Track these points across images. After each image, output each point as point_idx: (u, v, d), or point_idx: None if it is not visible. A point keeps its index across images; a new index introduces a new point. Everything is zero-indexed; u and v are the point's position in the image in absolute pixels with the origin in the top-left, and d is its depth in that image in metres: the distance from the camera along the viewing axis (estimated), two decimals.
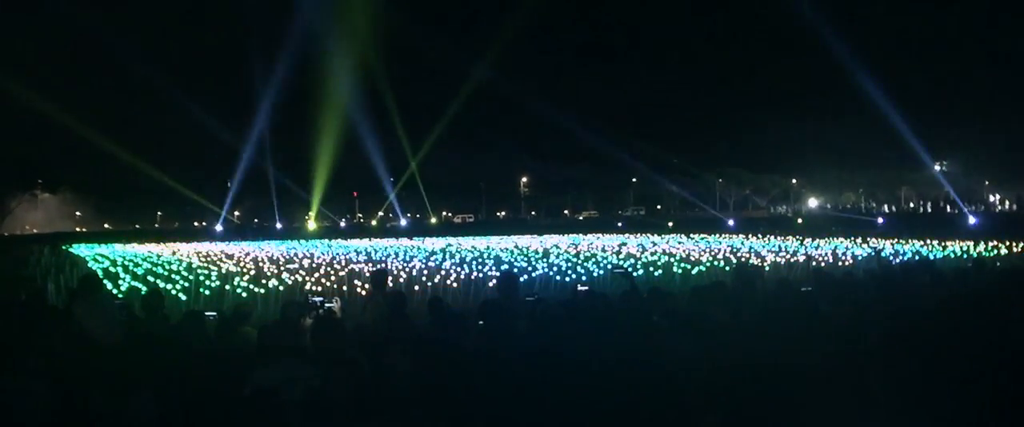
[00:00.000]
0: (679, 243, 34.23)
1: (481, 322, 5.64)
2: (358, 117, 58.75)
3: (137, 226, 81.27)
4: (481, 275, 18.77)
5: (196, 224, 79.27)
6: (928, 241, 28.78)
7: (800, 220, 61.49)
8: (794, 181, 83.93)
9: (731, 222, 60.81)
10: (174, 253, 33.39)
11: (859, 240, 31.34)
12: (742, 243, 32.96)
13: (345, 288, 16.94)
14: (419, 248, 33.81)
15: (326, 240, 46.09)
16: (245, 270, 22.21)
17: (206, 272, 21.39)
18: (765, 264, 20.95)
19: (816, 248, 27.34)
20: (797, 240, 32.89)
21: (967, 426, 3.56)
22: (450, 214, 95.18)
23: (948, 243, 27.24)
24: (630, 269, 17.24)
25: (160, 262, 27.28)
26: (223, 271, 21.99)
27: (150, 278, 20.82)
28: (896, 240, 30.35)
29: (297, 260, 26.63)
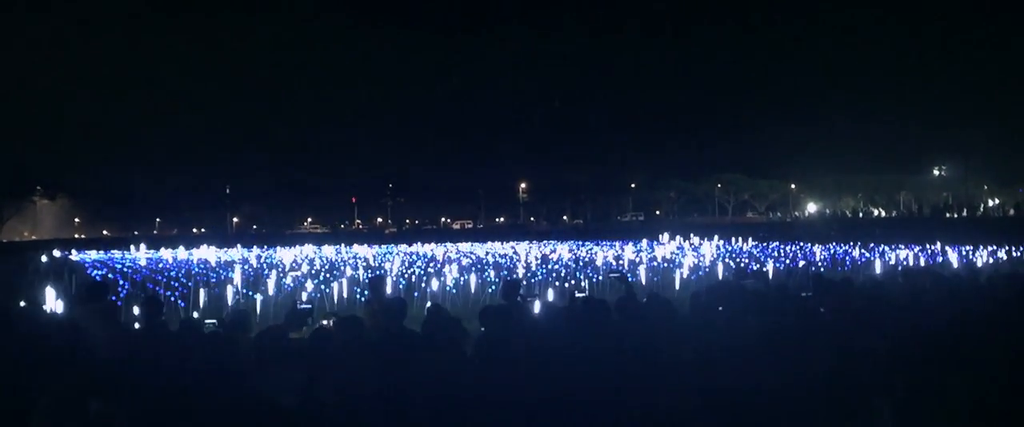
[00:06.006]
0: (679, 249, 34.22)
1: (482, 329, 5.63)
2: (358, 122, 58.63)
3: (136, 233, 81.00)
4: (480, 281, 18.73)
5: (194, 230, 79.10)
6: (927, 245, 28.75)
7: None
8: (793, 186, 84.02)
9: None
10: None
11: (858, 244, 31.31)
12: (741, 245, 32.93)
13: (345, 295, 16.89)
14: (418, 254, 33.76)
15: (322, 246, 45.89)
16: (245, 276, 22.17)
17: (205, 278, 21.35)
18: (765, 268, 20.90)
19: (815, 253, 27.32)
20: (796, 245, 32.87)
21: None
22: (449, 220, 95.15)
23: (947, 247, 27.23)
24: (627, 273, 17.19)
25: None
26: (222, 278, 21.94)
27: (149, 285, 20.78)
28: (894, 244, 30.32)
29: (297, 267, 26.54)
